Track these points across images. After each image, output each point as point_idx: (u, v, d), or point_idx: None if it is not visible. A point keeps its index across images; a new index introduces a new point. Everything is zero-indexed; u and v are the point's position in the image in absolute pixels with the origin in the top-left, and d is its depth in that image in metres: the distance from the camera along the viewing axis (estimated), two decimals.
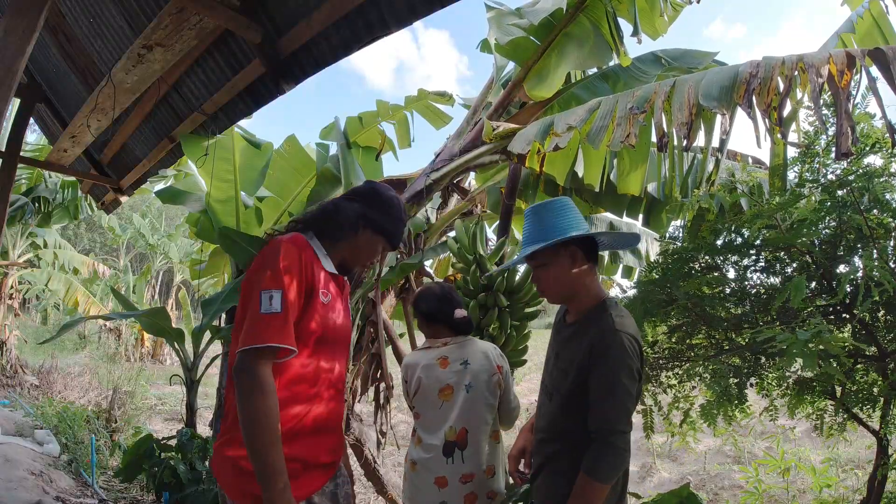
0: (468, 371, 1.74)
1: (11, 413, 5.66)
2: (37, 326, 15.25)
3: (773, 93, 1.64)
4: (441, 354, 1.79)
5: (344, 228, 1.45)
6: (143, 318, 3.64)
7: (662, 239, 2.57)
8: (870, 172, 1.91)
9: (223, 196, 3.95)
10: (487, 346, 1.84)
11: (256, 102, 3.07)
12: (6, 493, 3.40)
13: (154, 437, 3.34)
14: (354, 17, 2.35)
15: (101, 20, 3.01)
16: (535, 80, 3.18)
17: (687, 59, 3.33)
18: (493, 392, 1.75)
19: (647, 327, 2.56)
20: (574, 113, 2.17)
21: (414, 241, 3.52)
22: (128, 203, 10.90)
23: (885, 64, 1.51)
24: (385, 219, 1.51)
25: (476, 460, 1.70)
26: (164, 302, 17.90)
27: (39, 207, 7.95)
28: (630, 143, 1.80)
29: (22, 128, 4.14)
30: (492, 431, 1.75)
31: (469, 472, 1.68)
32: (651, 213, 3.60)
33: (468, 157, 2.90)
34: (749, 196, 2.24)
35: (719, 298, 2.34)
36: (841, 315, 2.18)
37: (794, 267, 2.24)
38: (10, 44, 1.89)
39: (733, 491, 5.09)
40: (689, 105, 1.74)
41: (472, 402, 1.72)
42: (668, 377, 2.61)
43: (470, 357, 1.76)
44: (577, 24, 3.14)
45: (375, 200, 1.51)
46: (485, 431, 1.73)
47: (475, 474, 1.68)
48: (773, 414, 2.42)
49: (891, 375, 1.99)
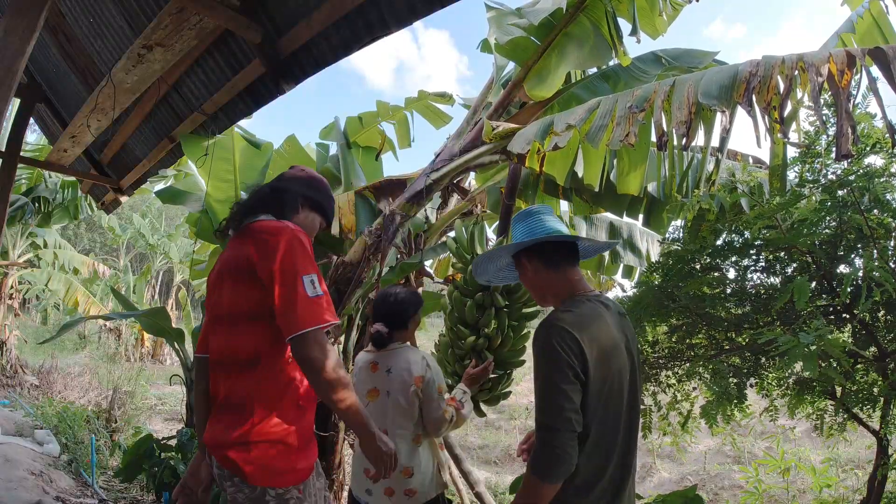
0: (390, 378, 1.90)
1: (11, 413, 5.66)
2: (37, 326, 15.25)
3: (773, 92, 1.64)
4: (373, 359, 1.98)
5: (289, 208, 1.55)
6: (143, 318, 3.64)
7: (664, 241, 2.57)
8: (870, 173, 1.91)
9: (223, 196, 3.95)
10: (414, 357, 1.93)
11: (256, 102, 3.08)
12: (6, 493, 3.40)
13: (154, 437, 3.34)
14: (354, 17, 2.35)
15: (101, 20, 3.01)
16: (535, 80, 3.18)
17: (687, 58, 3.33)
18: (410, 401, 1.87)
19: (648, 327, 2.56)
20: (574, 112, 2.17)
21: (414, 241, 3.52)
22: (128, 203, 10.91)
23: (886, 63, 1.51)
24: (320, 195, 1.65)
25: (402, 463, 1.85)
26: (164, 302, 17.90)
27: (39, 207, 7.95)
28: (629, 143, 1.80)
29: (22, 128, 4.14)
30: (413, 436, 1.89)
31: (404, 469, 1.85)
32: (651, 213, 3.59)
33: (468, 157, 2.90)
34: (749, 196, 2.24)
35: (720, 298, 2.34)
36: (841, 315, 2.18)
37: (795, 267, 2.24)
38: (10, 44, 1.89)
39: (733, 491, 5.09)
40: (689, 104, 1.74)
41: (391, 407, 1.89)
42: (667, 377, 2.61)
43: (393, 366, 1.92)
44: (577, 24, 3.14)
45: (309, 181, 1.65)
46: (402, 436, 1.87)
47: (399, 474, 1.85)
48: (774, 414, 2.41)
49: (891, 375, 1.99)
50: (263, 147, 4.07)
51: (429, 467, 1.91)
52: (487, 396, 2.39)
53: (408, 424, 1.88)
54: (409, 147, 4.70)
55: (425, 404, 1.89)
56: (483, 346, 2.31)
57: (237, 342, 1.40)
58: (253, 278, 1.36)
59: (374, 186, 3.43)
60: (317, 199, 1.63)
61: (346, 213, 3.14)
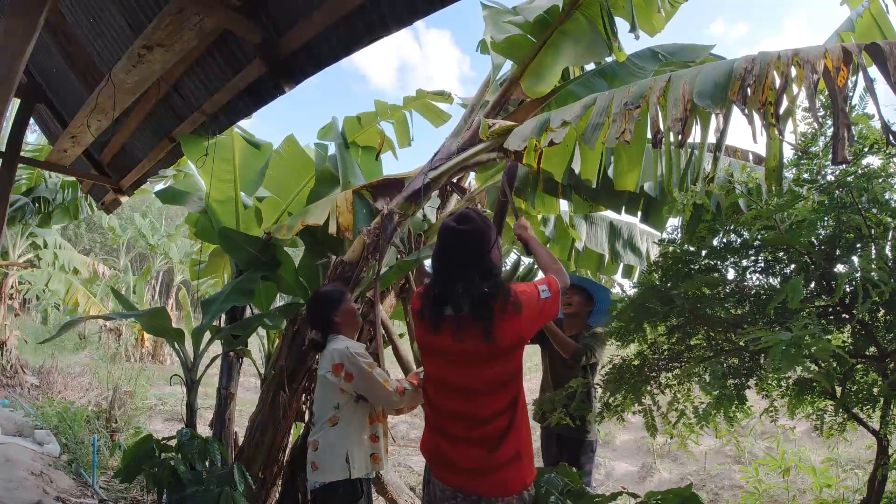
0: (321, 368, 2.18)
1: (11, 413, 5.66)
2: (37, 326, 15.23)
3: (769, 89, 1.63)
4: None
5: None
6: (144, 318, 3.64)
7: (662, 242, 2.56)
8: (868, 174, 1.90)
9: (223, 196, 3.96)
10: (335, 349, 2.13)
11: (256, 102, 3.08)
12: (6, 493, 3.40)
13: (154, 437, 3.34)
14: (354, 18, 2.35)
15: (101, 20, 3.02)
16: (532, 78, 3.17)
17: (684, 53, 3.31)
18: (326, 386, 2.13)
19: (647, 327, 2.55)
20: (570, 109, 2.17)
21: (414, 240, 3.52)
22: (128, 203, 10.90)
23: (882, 59, 1.49)
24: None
25: (312, 435, 2.19)
26: (165, 302, 17.91)
27: (39, 207, 7.95)
28: (625, 140, 1.80)
29: (22, 128, 4.14)
30: (329, 417, 2.13)
31: (311, 441, 2.18)
32: (650, 210, 3.58)
33: (465, 155, 2.90)
34: (747, 196, 2.24)
35: (718, 299, 2.34)
36: (840, 315, 2.17)
37: (794, 267, 2.24)
38: (10, 44, 1.90)
39: (733, 491, 5.08)
40: (684, 101, 1.73)
41: (318, 391, 2.22)
42: (667, 378, 2.61)
43: (322, 358, 2.19)
44: (572, 21, 3.14)
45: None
46: (320, 417, 2.18)
47: (310, 446, 2.18)
48: (774, 415, 2.41)
49: (891, 375, 1.99)
50: (263, 147, 4.07)
51: (336, 448, 2.09)
52: None
53: (328, 407, 2.13)
54: (409, 146, 4.70)
55: (358, 384, 2.07)
56: None
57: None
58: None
59: (372, 185, 3.43)
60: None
61: (343, 212, 3.14)
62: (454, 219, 1.64)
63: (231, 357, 3.95)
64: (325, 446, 2.11)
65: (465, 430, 1.61)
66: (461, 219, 1.62)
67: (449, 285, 1.59)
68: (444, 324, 1.59)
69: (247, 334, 3.70)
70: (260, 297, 3.90)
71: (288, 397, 3.05)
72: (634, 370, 2.53)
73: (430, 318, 1.62)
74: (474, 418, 1.61)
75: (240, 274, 3.77)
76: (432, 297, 1.63)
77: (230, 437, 3.88)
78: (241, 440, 3.36)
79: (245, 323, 3.69)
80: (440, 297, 1.61)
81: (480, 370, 1.59)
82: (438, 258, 1.67)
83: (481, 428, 1.59)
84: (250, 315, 3.92)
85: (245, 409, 5.41)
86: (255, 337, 3.96)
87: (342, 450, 2.08)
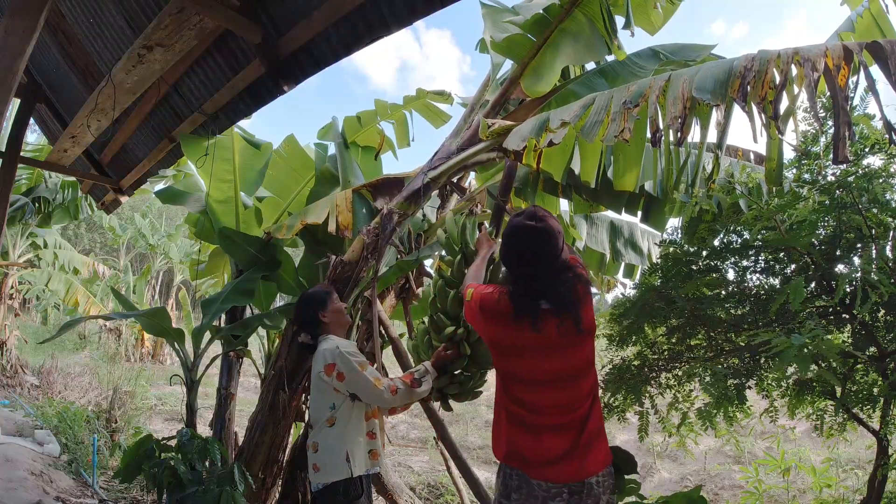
0: (314, 369, 2.17)
1: (11, 413, 5.66)
2: (37, 326, 15.24)
3: (769, 86, 1.62)
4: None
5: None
6: (144, 318, 3.63)
7: (662, 243, 2.56)
8: (869, 174, 1.90)
9: (223, 196, 3.95)
10: (326, 348, 2.13)
11: (256, 102, 3.08)
12: (6, 493, 3.40)
13: (154, 437, 3.33)
14: (354, 18, 2.35)
15: (101, 20, 3.02)
16: (532, 77, 3.17)
17: (685, 52, 3.30)
18: (321, 387, 2.13)
19: (647, 328, 2.55)
20: (569, 109, 2.16)
21: (413, 240, 3.52)
22: (128, 203, 10.90)
23: (883, 58, 1.49)
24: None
25: (312, 438, 2.18)
26: (164, 302, 17.91)
27: (39, 207, 7.95)
28: (624, 139, 1.79)
29: (22, 128, 4.14)
30: (327, 419, 2.12)
31: (311, 444, 2.18)
32: (650, 210, 3.57)
33: (465, 154, 2.89)
34: (748, 197, 2.24)
35: (719, 299, 2.34)
36: (841, 316, 2.17)
37: (794, 268, 2.24)
38: (10, 44, 1.90)
39: (733, 491, 5.09)
40: (683, 98, 1.72)
41: (313, 392, 2.20)
42: (667, 378, 2.61)
43: (314, 359, 2.18)
44: (572, 20, 3.13)
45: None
46: (317, 419, 2.16)
47: (309, 448, 2.18)
48: (774, 415, 2.41)
49: (891, 375, 1.99)
50: (263, 147, 4.07)
51: (336, 448, 2.09)
52: (457, 391, 2.30)
53: (324, 408, 2.13)
54: (409, 146, 4.70)
55: (349, 383, 2.07)
56: (462, 337, 2.25)
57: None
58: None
59: (372, 185, 3.42)
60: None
61: (343, 211, 3.14)
62: (527, 217, 1.66)
63: (231, 357, 3.95)
64: (325, 447, 2.12)
65: (561, 416, 1.66)
66: (533, 216, 1.66)
67: (541, 280, 1.63)
68: (545, 318, 1.61)
69: (247, 334, 3.70)
70: (260, 297, 3.90)
71: (288, 397, 3.05)
72: (634, 370, 2.53)
73: (528, 317, 1.62)
74: (570, 403, 1.66)
75: (240, 274, 3.77)
76: (525, 296, 1.65)
77: (230, 437, 3.87)
78: (241, 440, 3.35)
79: (245, 323, 3.69)
80: (535, 294, 1.64)
81: (577, 353, 1.66)
82: (521, 257, 1.67)
83: (575, 412, 1.66)
84: (250, 315, 3.92)
85: (245, 409, 5.42)
86: (255, 337, 3.96)
87: (342, 449, 2.09)
